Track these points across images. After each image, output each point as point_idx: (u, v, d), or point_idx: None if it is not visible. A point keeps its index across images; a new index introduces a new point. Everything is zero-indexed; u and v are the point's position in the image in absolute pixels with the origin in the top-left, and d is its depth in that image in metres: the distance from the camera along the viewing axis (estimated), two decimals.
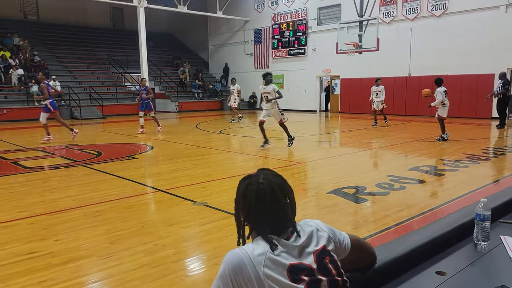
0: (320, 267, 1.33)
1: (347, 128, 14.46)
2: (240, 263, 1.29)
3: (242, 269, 1.28)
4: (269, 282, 1.26)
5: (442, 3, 17.08)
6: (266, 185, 1.41)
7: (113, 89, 22.15)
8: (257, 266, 1.28)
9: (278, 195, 1.41)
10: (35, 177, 6.74)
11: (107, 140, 11.81)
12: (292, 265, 1.30)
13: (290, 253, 1.33)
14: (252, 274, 1.27)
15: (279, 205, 1.41)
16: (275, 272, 1.28)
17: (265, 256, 1.29)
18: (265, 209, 1.39)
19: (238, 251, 1.33)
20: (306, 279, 1.29)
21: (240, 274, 1.28)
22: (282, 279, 1.27)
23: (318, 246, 1.38)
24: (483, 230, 1.81)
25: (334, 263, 1.38)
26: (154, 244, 3.69)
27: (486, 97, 14.22)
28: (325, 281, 1.31)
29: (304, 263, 1.32)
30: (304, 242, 1.37)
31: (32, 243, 3.74)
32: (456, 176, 6.43)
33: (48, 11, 25.03)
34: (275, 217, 1.39)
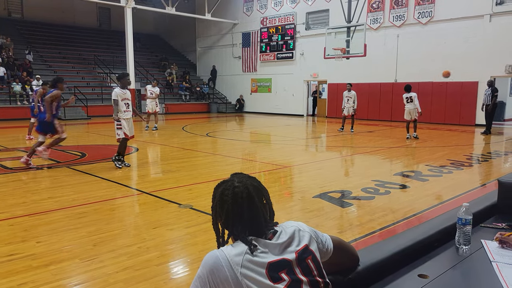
0: (302, 267, 1.33)
1: (334, 133, 14.55)
2: (217, 264, 1.29)
3: (219, 270, 1.28)
4: (247, 282, 1.26)
5: (428, 11, 17.37)
6: (242, 188, 1.41)
7: (99, 90, 21.91)
8: (234, 267, 1.27)
9: (254, 197, 1.41)
10: (16, 178, 6.62)
11: (92, 141, 11.67)
12: (271, 263, 1.30)
13: (271, 251, 1.33)
14: (229, 274, 1.27)
15: (257, 207, 1.41)
16: (254, 272, 1.27)
17: (243, 256, 1.29)
18: (243, 212, 1.39)
19: (216, 252, 1.32)
20: (286, 279, 1.28)
21: (217, 275, 1.28)
22: (261, 279, 1.27)
23: (300, 246, 1.38)
24: (465, 234, 1.84)
25: (316, 263, 1.38)
26: (138, 246, 3.65)
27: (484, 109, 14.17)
28: (306, 281, 1.31)
29: (285, 258, 1.33)
30: (286, 241, 1.36)
31: (12, 245, 3.66)
32: (440, 181, 6.51)
33: (33, 10, 24.67)
34: (253, 220, 1.39)
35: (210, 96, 26.06)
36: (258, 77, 24.74)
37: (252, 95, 25.22)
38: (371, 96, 19.34)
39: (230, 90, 26.35)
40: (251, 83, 25.11)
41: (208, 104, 25.42)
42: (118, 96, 7.42)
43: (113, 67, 23.63)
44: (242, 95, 25.62)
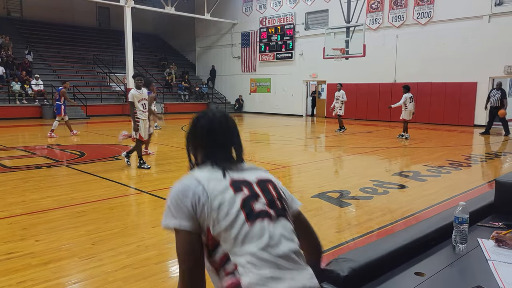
0: (261, 187, 1.43)
1: (332, 133, 14.57)
2: (188, 185, 1.35)
3: (189, 189, 1.33)
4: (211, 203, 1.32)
5: (427, 11, 17.40)
6: (220, 114, 1.53)
7: (98, 89, 21.91)
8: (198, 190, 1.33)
9: (232, 126, 1.53)
10: (15, 177, 6.62)
11: (91, 140, 11.68)
12: (234, 180, 1.38)
13: (236, 173, 1.42)
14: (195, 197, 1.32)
15: (232, 134, 1.52)
16: (219, 189, 1.34)
17: (208, 178, 1.36)
18: (218, 135, 1.49)
19: (186, 176, 1.39)
20: (246, 192, 1.37)
21: (185, 195, 1.33)
22: (227, 195, 1.34)
23: (264, 177, 1.49)
24: (461, 233, 1.86)
25: (277, 191, 1.47)
26: (137, 245, 3.66)
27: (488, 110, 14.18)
28: (263, 198, 1.39)
29: (246, 179, 1.42)
30: (252, 168, 1.49)
31: (11, 243, 3.67)
32: (438, 181, 6.53)
33: (32, 9, 24.64)
34: (226, 146, 1.50)
35: (209, 96, 26.06)
36: (257, 77, 24.76)
37: (251, 95, 25.25)
38: (370, 97, 19.38)
39: (229, 90, 26.35)
40: (250, 83, 25.12)
41: (207, 104, 25.42)
42: (135, 98, 7.43)
43: (112, 66, 23.62)
44: (241, 95, 25.63)
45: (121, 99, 22.27)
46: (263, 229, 1.34)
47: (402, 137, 12.13)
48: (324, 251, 1.63)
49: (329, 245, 3.75)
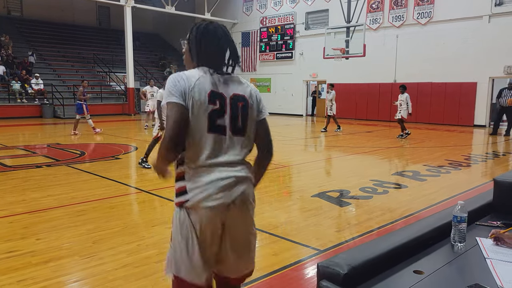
0: (232, 104, 1.74)
1: (332, 133, 14.58)
2: (181, 75, 1.71)
3: (181, 79, 1.69)
4: (193, 96, 1.66)
5: (427, 12, 17.41)
6: (217, 25, 1.83)
7: (98, 89, 21.92)
8: (189, 81, 1.68)
9: (226, 36, 1.82)
10: (15, 176, 6.63)
11: (90, 140, 11.69)
12: (213, 92, 1.70)
13: (217, 84, 1.72)
14: (186, 85, 1.68)
15: (226, 42, 1.81)
16: (200, 90, 1.68)
17: (198, 76, 1.71)
18: (213, 42, 1.78)
19: (180, 73, 1.74)
20: (217, 106, 1.70)
21: (179, 82, 1.68)
22: (202, 98, 1.67)
23: (240, 92, 1.78)
24: (460, 232, 1.87)
25: (244, 110, 1.78)
26: (137, 244, 3.68)
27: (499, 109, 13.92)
28: (228, 114, 1.72)
29: (223, 94, 1.72)
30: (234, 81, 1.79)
31: (12, 242, 3.68)
32: (438, 181, 6.55)
33: (32, 8, 24.63)
34: (220, 52, 1.79)
35: None
36: (258, 77, 24.76)
37: None
38: (370, 96, 19.39)
39: None
40: (251, 83, 25.10)
41: None
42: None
43: (113, 66, 23.63)
44: None
45: (121, 98, 22.29)
46: (216, 142, 1.70)
47: (403, 137, 12.13)
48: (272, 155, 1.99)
49: (329, 244, 3.77)
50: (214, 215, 1.67)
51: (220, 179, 1.69)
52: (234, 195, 1.72)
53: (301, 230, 4.15)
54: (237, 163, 1.76)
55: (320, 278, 1.57)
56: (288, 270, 3.22)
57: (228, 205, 1.70)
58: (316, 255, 3.53)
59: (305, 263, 3.39)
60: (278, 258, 3.43)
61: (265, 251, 3.63)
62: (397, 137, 12.23)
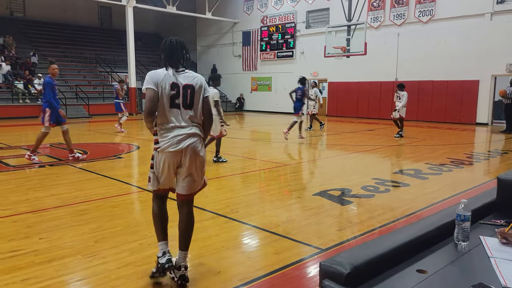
0: (183, 91, 2.85)
1: (333, 131, 14.57)
2: (155, 72, 2.86)
3: (155, 75, 2.84)
4: (161, 85, 2.79)
5: (429, 10, 17.37)
6: (175, 40, 2.95)
7: (100, 88, 21.95)
8: (159, 76, 2.83)
9: (180, 46, 2.93)
10: (19, 175, 6.64)
11: (93, 139, 11.70)
12: (173, 82, 2.82)
13: (176, 77, 2.84)
14: (157, 78, 2.81)
15: (180, 51, 2.91)
16: (166, 82, 2.80)
17: (165, 73, 2.84)
18: (172, 51, 2.89)
19: (154, 70, 2.89)
20: (174, 91, 2.81)
21: (154, 77, 2.82)
22: (167, 86, 2.80)
23: (189, 83, 2.88)
24: (463, 231, 1.86)
25: (192, 95, 2.88)
26: (140, 243, 3.68)
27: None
28: (181, 96, 2.83)
29: (178, 83, 2.84)
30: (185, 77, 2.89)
31: (15, 241, 3.69)
32: (440, 179, 6.53)
33: (34, 9, 24.69)
34: (176, 58, 2.89)
35: None
36: (258, 76, 24.76)
37: (252, 93, 25.25)
38: (371, 95, 19.37)
39: (230, 89, 26.35)
40: (251, 82, 25.12)
41: None
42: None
43: (114, 65, 23.66)
44: (243, 93, 25.63)
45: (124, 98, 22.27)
46: (175, 113, 2.83)
47: (401, 136, 12.01)
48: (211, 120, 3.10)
49: (331, 243, 3.76)
50: (173, 155, 2.83)
51: (177, 135, 2.82)
52: (186, 145, 2.84)
53: (302, 229, 4.15)
54: (188, 126, 2.87)
55: (323, 277, 1.57)
56: (290, 269, 3.22)
57: (181, 151, 2.83)
58: (318, 254, 3.52)
59: (307, 262, 3.38)
60: (279, 257, 3.43)
61: (266, 250, 3.63)
62: (395, 136, 12.13)
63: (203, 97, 2.92)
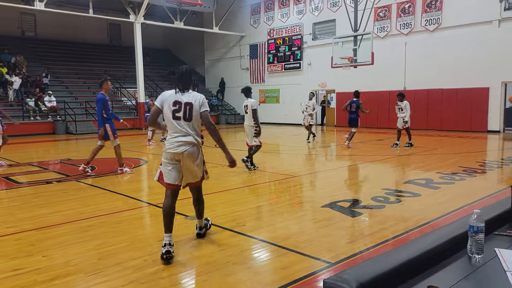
0: (184, 108, 3.61)
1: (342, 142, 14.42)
2: (164, 94, 3.74)
3: (163, 95, 3.73)
4: (165, 103, 3.66)
5: (435, 18, 17.28)
6: (185, 69, 3.76)
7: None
8: (165, 96, 3.70)
9: (187, 74, 3.72)
10: (26, 192, 6.64)
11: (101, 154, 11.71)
12: (176, 100, 3.62)
13: (180, 96, 3.64)
14: (163, 98, 3.69)
15: (188, 77, 3.70)
16: (170, 100, 3.65)
17: (171, 93, 3.69)
18: (181, 77, 3.69)
19: (165, 91, 3.79)
20: (176, 107, 3.61)
21: (161, 96, 3.72)
22: (169, 104, 3.63)
23: (190, 101, 3.63)
24: (477, 243, 1.75)
25: (190, 112, 3.62)
26: (144, 259, 3.60)
27: None
28: (182, 111, 3.61)
29: (180, 101, 3.62)
30: (187, 97, 3.65)
31: (18, 260, 3.64)
32: (452, 189, 6.38)
33: (45, 28, 25.14)
34: (184, 82, 3.67)
35: (219, 107, 26.15)
36: (266, 88, 24.80)
37: (260, 105, 25.25)
38: (380, 104, 19.20)
39: (238, 102, 26.38)
40: (259, 94, 25.16)
41: (217, 116, 25.49)
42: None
43: (124, 81, 23.90)
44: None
45: (133, 113, 22.45)
46: (176, 124, 3.62)
47: (406, 146, 11.71)
48: (212, 130, 3.83)
49: (341, 256, 3.65)
50: (172, 155, 3.67)
51: (176, 142, 3.65)
52: (181, 150, 3.63)
53: (311, 242, 4.04)
54: (186, 134, 3.65)
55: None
56: (298, 285, 3.11)
57: (179, 154, 3.64)
58: (327, 268, 3.41)
59: (316, 277, 3.27)
60: (287, 272, 3.33)
61: (273, 265, 3.53)
62: (405, 145, 11.82)
63: (200, 112, 3.66)
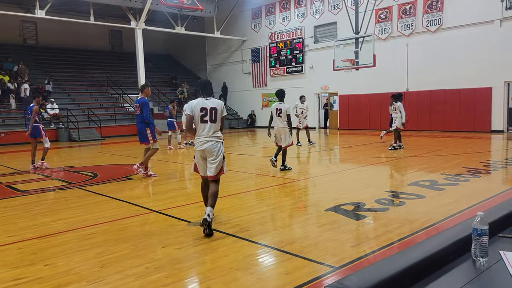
0: (210, 112, 4.55)
1: (346, 144, 14.39)
2: (191, 103, 4.69)
3: (190, 104, 4.66)
4: (194, 110, 4.55)
5: (437, 19, 17.25)
6: (207, 80, 4.94)
7: (112, 111, 22.19)
8: (192, 104, 4.61)
9: (209, 84, 4.84)
10: (28, 201, 6.64)
11: (104, 161, 11.73)
12: (202, 107, 4.55)
13: (205, 103, 4.58)
14: (191, 106, 4.61)
15: (207, 87, 4.75)
16: (197, 107, 4.56)
17: (198, 100, 4.64)
18: (204, 87, 4.72)
19: (193, 100, 4.81)
20: (203, 112, 4.54)
21: (189, 106, 4.63)
22: (197, 110, 4.55)
23: (214, 106, 4.58)
24: (481, 246, 1.72)
25: (215, 115, 4.58)
26: (146, 267, 3.58)
27: None
28: (208, 115, 4.54)
29: (206, 107, 4.55)
30: (211, 102, 4.60)
31: (20, 269, 3.62)
32: (457, 190, 6.32)
33: (47, 36, 25.28)
34: (206, 91, 4.69)
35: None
36: (269, 92, 24.78)
37: (263, 109, 25.25)
38: (383, 106, 19.10)
39: (241, 106, 26.43)
40: (262, 98, 25.15)
41: None
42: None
43: (126, 87, 23.97)
44: (254, 110, 25.65)
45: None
46: (204, 126, 4.56)
47: (395, 149, 11.58)
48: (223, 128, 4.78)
49: (346, 260, 3.61)
50: (200, 153, 4.59)
51: (202, 140, 4.54)
52: (205, 147, 4.53)
53: (316, 246, 4.00)
54: (212, 135, 4.55)
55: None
56: None
57: (203, 150, 4.55)
58: (332, 273, 3.37)
59: (320, 282, 3.23)
60: (291, 277, 3.29)
61: (277, 270, 3.49)
62: (389, 148, 11.72)
63: (222, 115, 4.65)
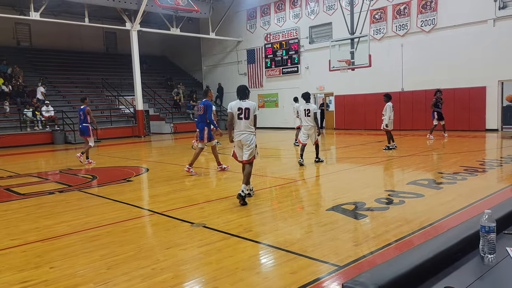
0: (244, 111, 6.06)
1: (343, 144, 14.46)
2: (231, 103, 6.19)
3: (231, 104, 6.18)
4: (233, 110, 6.10)
5: (431, 19, 17.38)
6: (242, 86, 6.28)
7: (107, 113, 22.13)
8: (232, 104, 6.15)
9: (245, 89, 6.23)
10: (28, 204, 6.63)
11: (102, 163, 11.72)
12: (240, 107, 6.07)
13: (241, 103, 6.10)
14: (231, 105, 6.15)
15: (244, 91, 6.19)
16: (235, 107, 6.10)
17: (236, 102, 6.15)
18: (240, 91, 6.17)
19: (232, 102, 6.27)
20: (239, 111, 6.07)
21: (230, 105, 6.18)
22: (236, 110, 6.09)
23: (247, 106, 6.07)
24: (489, 243, 1.77)
25: (248, 113, 6.06)
26: (152, 268, 3.60)
27: None
28: (243, 113, 6.07)
29: (242, 107, 6.07)
30: (245, 103, 6.10)
31: (26, 272, 3.63)
32: (455, 188, 6.40)
33: (40, 38, 25.14)
34: (243, 94, 6.17)
35: (217, 113, 26.11)
36: (265, 93, 24.85)
37: (259, 110, 25.28)
38: (378, 106, 19.22)
39: None
40: (258, 99, 25.20)
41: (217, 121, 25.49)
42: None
43: (121, 89, 23.91)
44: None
45: (131, 121, 22.46)
46: (240, 122, 6.07)
47: (389, 148, 11.60)
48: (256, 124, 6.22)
49: (348, 259, 3.65)
50: (237, 142, 6.15)
51: (239, 133, 6.09)
52: (240, 138, 6.07)
53: (318, 246, 4.05)
54: (246, 129, 6.06)
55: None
56: None
57: (240, 140, 6.09)
58: (336, 271, 3.42)
59: (325, 281, 3.28)
60: (296, 276, 3.33)
61: (282, 270, 3.53)
62: (383, 148, 11.74)
63: (254, 114, 6.02)
